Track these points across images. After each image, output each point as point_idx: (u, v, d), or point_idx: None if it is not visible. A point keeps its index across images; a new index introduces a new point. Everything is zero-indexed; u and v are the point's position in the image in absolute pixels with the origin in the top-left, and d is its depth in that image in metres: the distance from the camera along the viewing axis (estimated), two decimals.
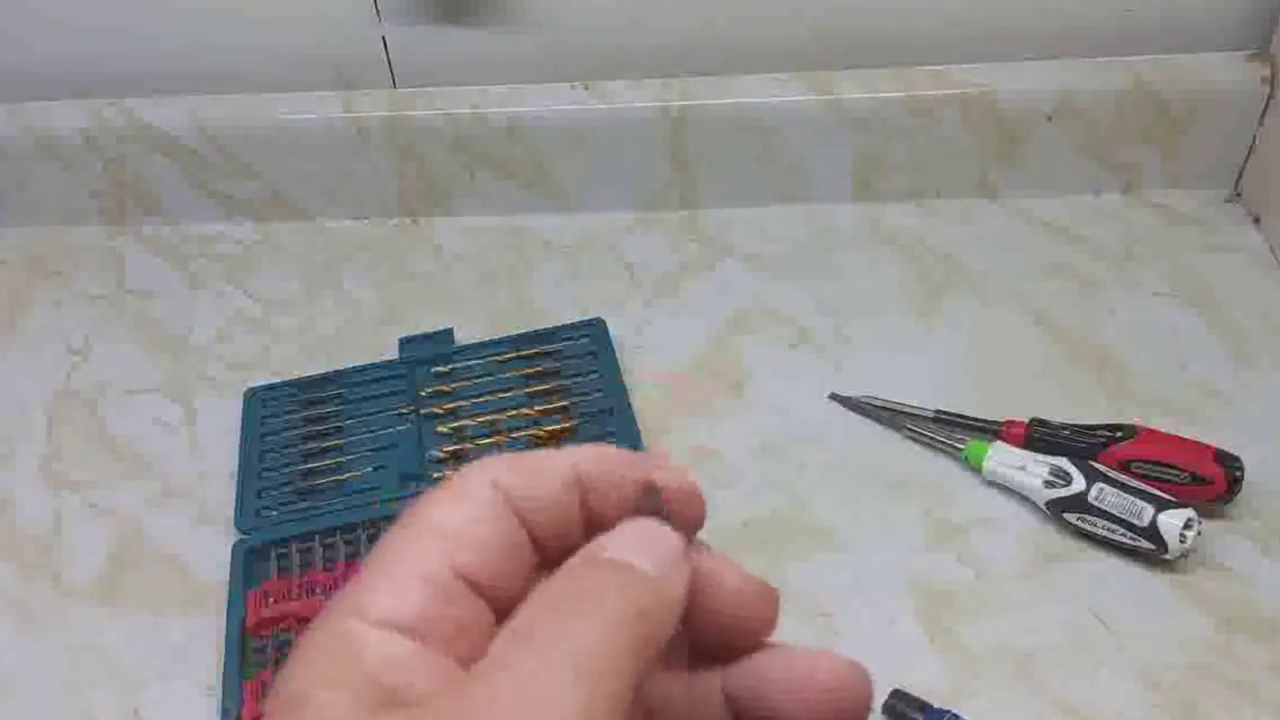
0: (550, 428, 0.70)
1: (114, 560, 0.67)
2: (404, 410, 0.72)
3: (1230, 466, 0.63)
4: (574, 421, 0.70)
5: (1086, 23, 0.79)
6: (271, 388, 0.75)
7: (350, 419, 0.72)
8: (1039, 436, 0.66)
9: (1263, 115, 0.79)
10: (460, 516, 0.25)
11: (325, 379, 0.75)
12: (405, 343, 0.76)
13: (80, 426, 0.75)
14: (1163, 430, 0.65)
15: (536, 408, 0.71)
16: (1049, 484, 0.63)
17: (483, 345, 0.75)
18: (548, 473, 0.26)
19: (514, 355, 0.74)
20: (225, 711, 0.58)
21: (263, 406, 0.73)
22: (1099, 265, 0.79)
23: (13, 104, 0.85)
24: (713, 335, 0.77)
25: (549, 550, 0.26)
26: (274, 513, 0.67)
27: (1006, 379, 0.72)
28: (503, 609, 0.24)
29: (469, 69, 0.83)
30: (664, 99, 0.81)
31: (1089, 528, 0.62)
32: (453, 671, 0.23)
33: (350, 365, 0.75)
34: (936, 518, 0.66)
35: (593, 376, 0.72)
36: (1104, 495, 0.62)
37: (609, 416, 0.70)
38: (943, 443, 0.68)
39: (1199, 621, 0.60)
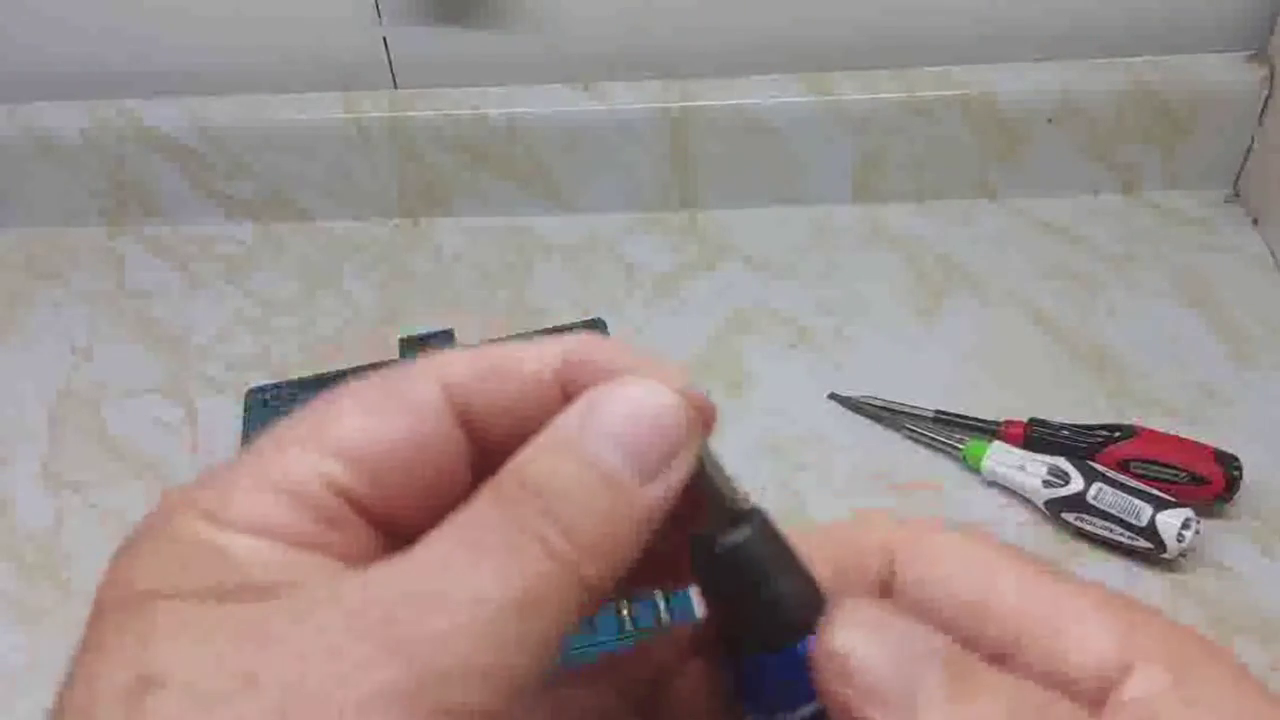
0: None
1: None
2: None
3: (1229, 466, 0.63)
4: None
5: (1087, 23, 0.79)
6: (271, 388, 0.75)
7: None
8: (1038, 436, 0.66)
9: (1262, 116, 0.79)
10: (361, 422, 0.21)
11: (325, 379, 0.75)
12: (405, 343, 0.76)
13: (81, 427, 0.75)
14: (1161, 430, 0.65)
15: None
16: (1047, 484, 0.63)
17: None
18: (518, 373, 0.22)
19: None
20: None
21: (263, 407, 0.73)
22: (1098, 265, 0.79)
23: (12, 104, 0.85)
24: (712, 335, 0.77)
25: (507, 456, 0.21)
26: None
27: (1005, 379, 0.72)
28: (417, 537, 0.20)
29: (469, 69, 0.83)
30: (664, 100, 0.81)
31: (1087, 527, 0.62)
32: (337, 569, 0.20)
33: (351, 365, 0.75)
34: (936, 517, 0.66)
35: None
36: (1102, 495, 0.62)
37: None
38: (942, 442, 0.68)
39: (1198, 621, 0.60)
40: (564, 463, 0.20)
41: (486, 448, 0.22)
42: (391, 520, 0.21)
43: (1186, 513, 0.60)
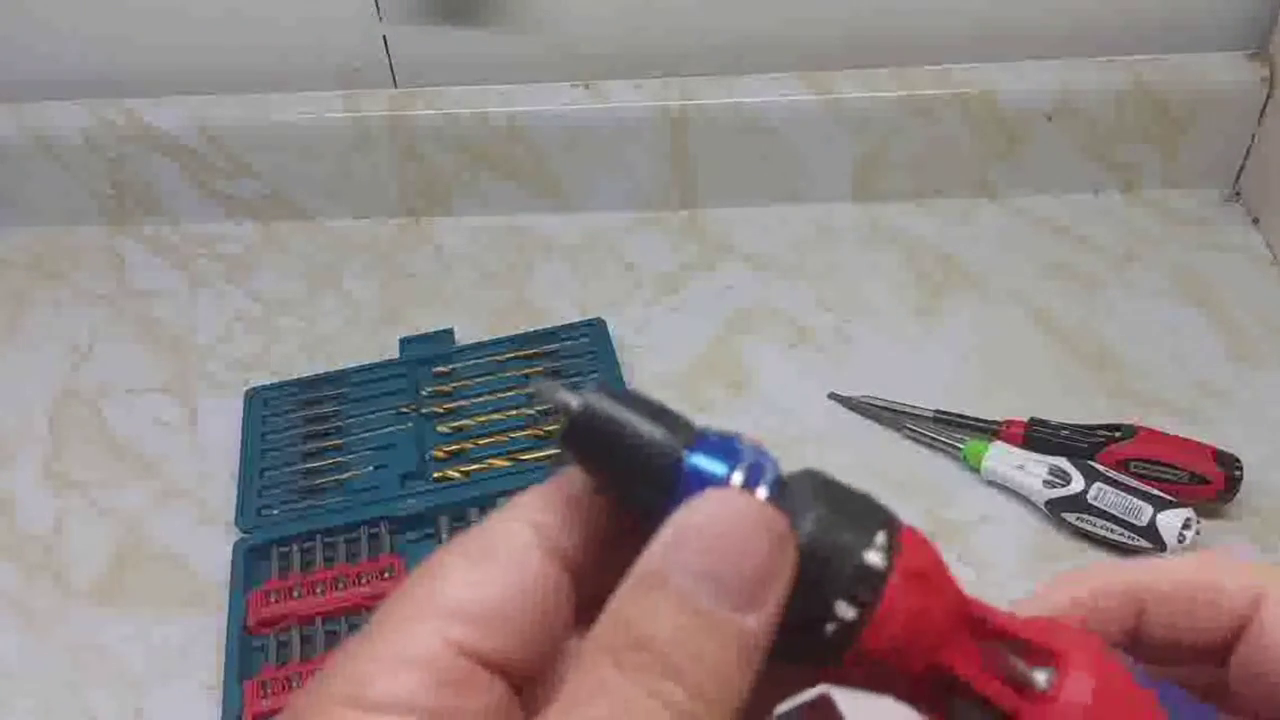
0: (550, 428, 0.70)
1: (115, 560, 0.67)
2: (404, 410, 0.72)
3: (1229, 466, 0.63)
4: None
5: (1086, 23, 0.79)
6: (272, 387, 0.75)
7: (351, 419, 0.72)
8: (1038, 436, 0.66)
9: (1262, 115, 0.79)
10: (470, 578, 0.22)
11: (326, 379, 0.75)
12: (406, 342, 0.76)
13: (82, 426, 0.75)
14: (1162, 430, 0.65)
15: (537, 408, 0.71)
16: (1048, 484, 0.63)
17: (483, 345, 0.75)
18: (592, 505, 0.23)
19: (514, 355, 0.74)
20: (226, 711, 0.58)
21: (264, 406, 0.74)
22: (1098, 265, 0.79)
23: (14, 104, 0.85)
24: (713, 335, 0.77)
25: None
26: (275, 512, 0.68)
27: (1006, 378, 0.72)
28: (539, 678, 0.21)
29: (470, 69, 0.83)
30: (664, 99, 0.81)
31: (1088, 527, 0.62)
32: None
33: (351, 365, 0.76)
34: (936, 517, 0.66)
35: (593, 376, 0.73)
36: (1103, 495, 0.62)
37: None
38: (942, 442, 0.68)
39: None
40: (662, 608, 0.20)
41: (579, 576, 0.23)
42: (512, 664, 0.22)
43: (1187, 513, 0.60)
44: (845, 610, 0.22)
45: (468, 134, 0.83)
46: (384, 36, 0.82)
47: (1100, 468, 0.63)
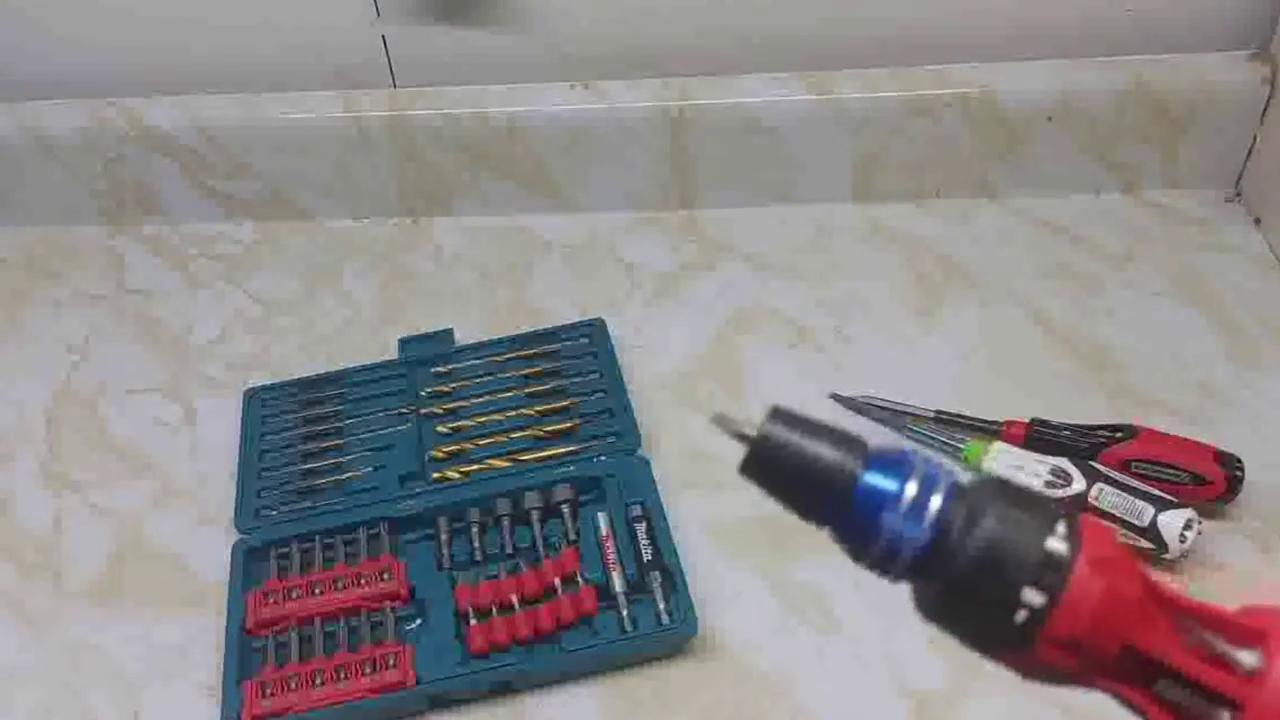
0: (550, 427, 0.70)
1: (114, 560, 0.67)
2: (404, 410, 0.72)
3: (1230, 466, 0.63)
4: (574, 422, 0.70)
5: (1087, 23, 0.79)
6: (271, 388, 0.74)
7: (350, 419, 0.72)
8: (1039, 437, 0.66)
9: (1263, 115, 0.79)
10: None
11: (325, 379, 0.75)
12: (405, 343, 0.76)
13: (80, 427, 0.75)
14: (1163, 430, 0.65)
15: (536, 408, 0.71)
16: (1049, 484, 0.63)
17: (483, 345, 0.75)
18: None
19: (514, 355, 0.74)
20: (225, 711, 0.58)
21: (263, 406, 0.73)
22: (1099, 265, 0.79)
23: (12, 104, 0.85)
24: (712, 335, 0.77)
25: None
26: (274, 513, 0.67)
27: (1006, 379, 0.72)
28: None
29: (469, 69, 0.83)
30: (664, 99, 0.81)
31: None
32: None
33: (350, 365, 0.75)
34: None
35: (593, 376, 0.72)
36: (1104, 495, 0.62)
37: (609, 416, 0.70)
38: (943, 443, 0.68)
39: None
40: None
41: None
42: None
43: (1188, 513, 0.60)
44: (1034, 597, 0.24)
45: (467, 134, 0.83)
46: (383, 36, 0.82)
47: (1101, 468, 0.63)
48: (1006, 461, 0.65)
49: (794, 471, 0.26)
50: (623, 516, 0.64)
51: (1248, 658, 0.23)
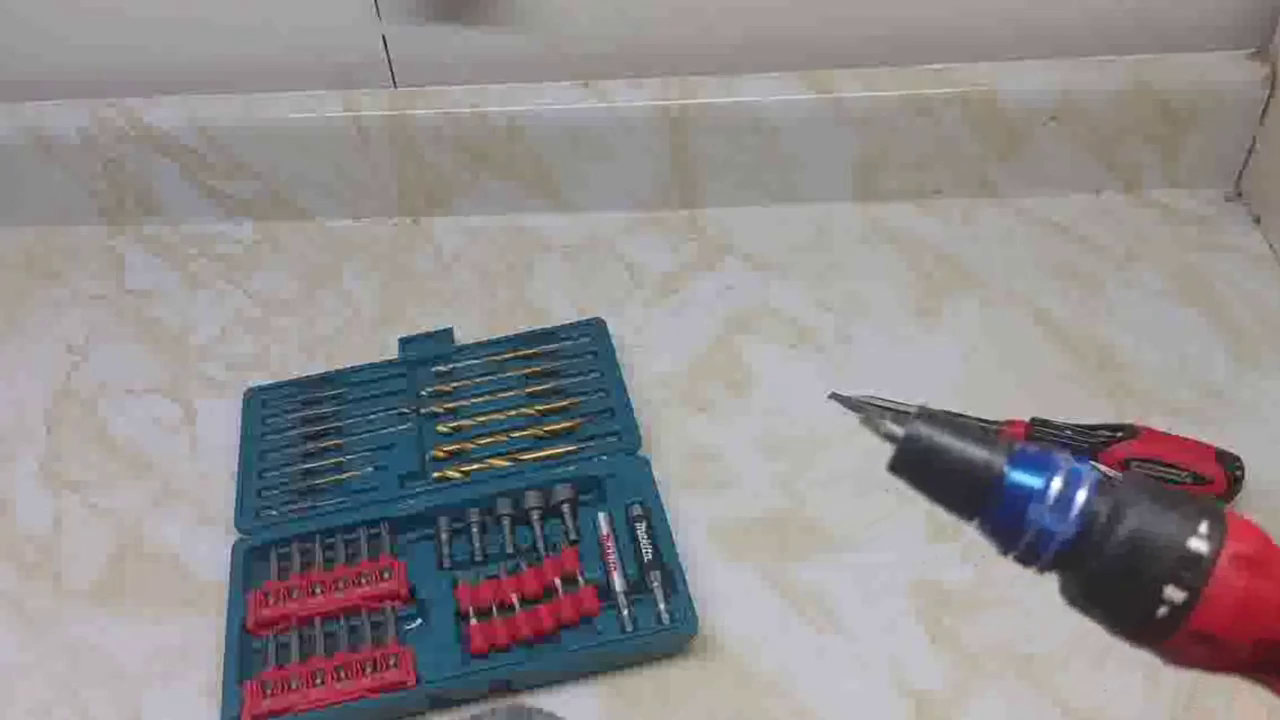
0: (550, 427, 0.69)
1: (114, 561, 0.67)
2: (404, 410, 0.72)
3: (1230, 466, 0.63)
4: (574, 421, 0.70)
5: (1088, 22, 0.79)
6: (271, 387, 0.74)
7: (350, 419, 0.72)
8: (1040, 436, 0.66)
9: (1263, 115, 0.79)
10: None
11: (325, 379, 0.75)
12: (405, 342, 0.76)
13: (80, 427, 0.75)
14: (1163, 430, 0.65)
15: (536, 408, 0.71)
16: None
17: (483, 345, 0.75)
18: None
19: (514, 355, 0.74)
20: (225, 712, 0.58)
21: (263, 406, 0.73)
22: (1100, 265, 0.79)
23: (12, 104, 0.85)
24: (713, 335, 0.77)
25: None
26: (274, 513, 0.67)
27: (1007, 379, 0.72)
28: None
29: (469, 68, 0.83)
30: (664, 98, 0.81)
31: None
32: None
33: (350, 365, 0.75)
34: (937, 517, 0.65)
35: (593, 376, 0.72)
36: None
37: (609, 416, 0.70)
38: None
39: None
40: None
41: None
42: None
43: None
44: (1174, 594, 0.25)
45: (467, 133, 0.83)
46: (383, 36, 0.82)
47: (1102, 468, 0.63)
48: None
49: (943, 469, 0.28)
50: (623, 516, 0.64)
51: None
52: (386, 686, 0.58)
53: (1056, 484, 0.26)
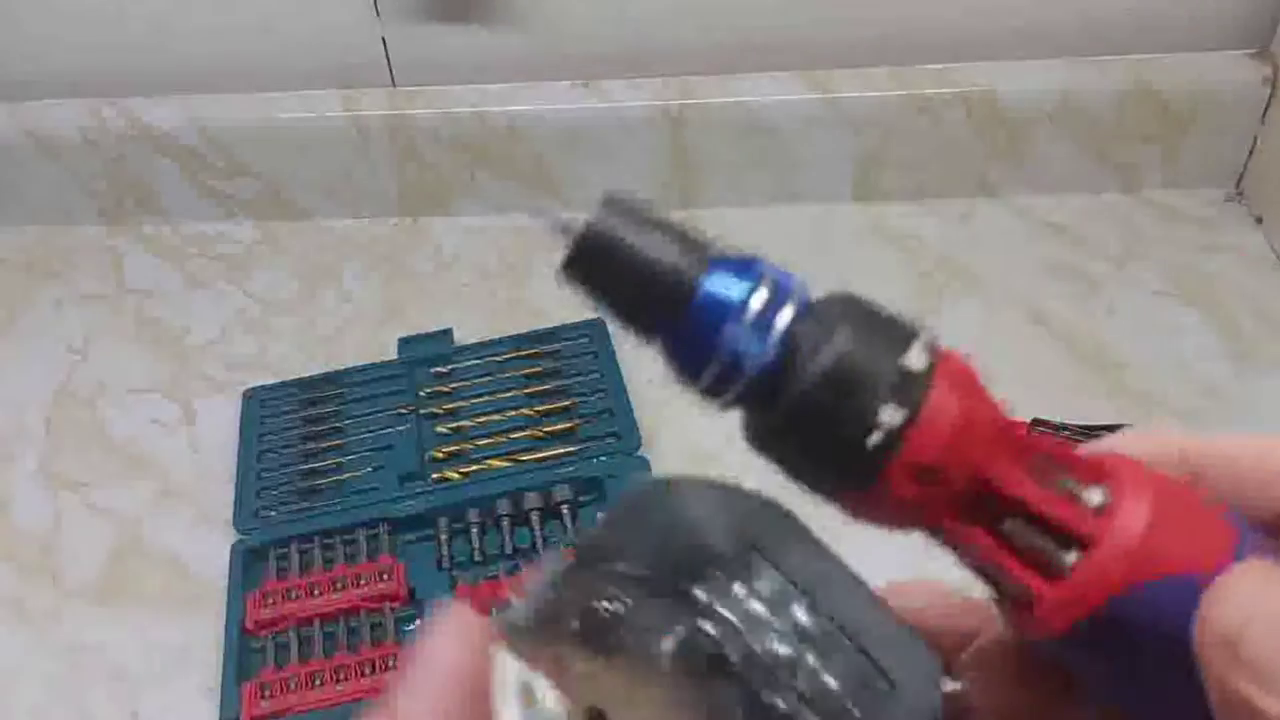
0: (550, 428, 0.69)
1: (113, 561, 0.67)
2: (403, 410, 0.72)
3: None
4: (573, 422, 0.70)
5: (1088, 22, 0.79)
6: (271, 388, 0.74)
7: (350, 419, 0.72)
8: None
9: (1264, 115, 0.79)
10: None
11: (324, 379, 0.75)
12: (404, 343, 0.76)
13: (79, 426, 0.75)
14: None
15: (536, 408, 0.71)
16: None
17: (482, 345, 0.75)
18: None
19: (514, 355, 0.74)
20: (224, 713, 0.58)
21: (262, 407, 0.73)
22: (1100, 265, 0.79)
23: (11, 103, 0.85)
24: None
25: None
26: (273, 513, 0.67)
27: (1006, 379, 0.71)
28: None
29: (468, 68, 0.83)
30: (664, 98, 0.81)
31: None
32: None
33: (349, 365, 0.75)
34: None
35: (593, 376, 0.72)
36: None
37: (609, 417, 0.70)
38: None
39: None
40: None
41: None
42: None
43: None
44: (892, 415, 0.21)
45: (467, 133, 0.82)
46: (383, 36, 0.81)
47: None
48: None
49: (623, 272, 0.22)
50: None
51: (1095, 495, 0.21)
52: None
53: (759, 299, 0.21)
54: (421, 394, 0.73)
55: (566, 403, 0.71)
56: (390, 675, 0.58)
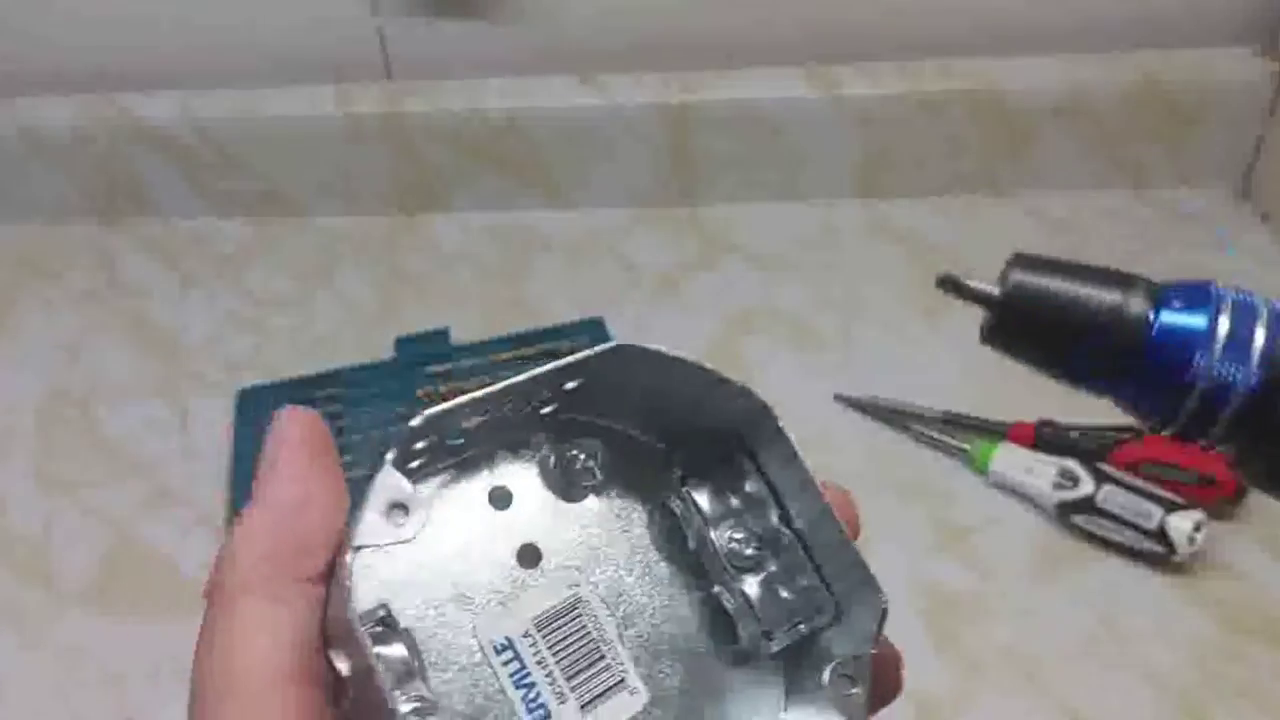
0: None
1: (106, 563, 0.66)
2: (401, 410, 0.71)
3: None
4: None
5: (1094, 18, 0.78)
6: (265, 388, 0.74)
7: (346, 419, 0.71)
8: (1047, 437, 0.65)
9: (1272, 111, 0.78)
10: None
11: (320, 379, 0.74)
12: (401, 342, 0.75)
13: (72, 427, 0.74)
14: None
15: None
16: (1057, 485, 0.62)
17: (480, 344, 0.74)
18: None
19: (512, 355, 0.73)
20: None
21: (256, 407, 0.72)
22: (1106, 263, 0.78)
23: (3, 99, 0.84)
24: (714, 334, 0.76)
25: None
26: None
27: (1013, 379, 0.71)
28: None
29: (466, 63, 0.82)
30: (665, 93, 0.80)
31: (1097, 530, 0.62)
32: None
33: (346, 365, 0.74)
34: (942, 520, 0.65)
35: None
36: (1112, 497, 0.61)
37: None
38: (949, 444, 0.67)
39: (1207, 624, 0.59)
40: None
41: None
42: None
43: (1197, 515, 0.60)
44: None
45: (464, 129, 0.82)
46: (379, 29, 0.81)
47: (1109, 469, 0.62)
48: (1014, 462, 0.64)
49: (1059, 324, 0.19)
50: None
51: None
52: None
53: (1224, 322, 0.19)
54: (419, 394, 0.72)
55: None
56: None
